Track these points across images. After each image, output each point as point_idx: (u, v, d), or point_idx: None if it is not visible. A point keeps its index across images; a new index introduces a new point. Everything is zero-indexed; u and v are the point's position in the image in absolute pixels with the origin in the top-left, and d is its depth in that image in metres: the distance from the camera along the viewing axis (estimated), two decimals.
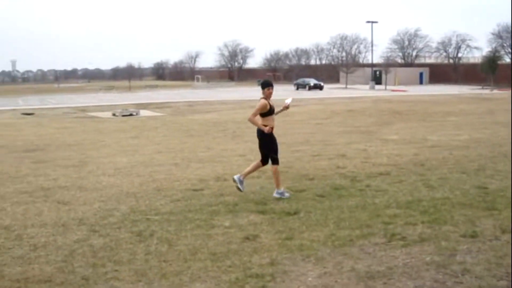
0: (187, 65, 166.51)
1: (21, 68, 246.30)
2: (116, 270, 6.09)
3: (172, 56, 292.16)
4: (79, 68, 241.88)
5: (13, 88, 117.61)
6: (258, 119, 9.57)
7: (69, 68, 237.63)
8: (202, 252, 6.62)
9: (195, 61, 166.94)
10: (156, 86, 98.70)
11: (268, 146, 9.57)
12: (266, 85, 9.62)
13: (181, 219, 8.08)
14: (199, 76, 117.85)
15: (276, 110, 9.82)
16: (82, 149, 16.29)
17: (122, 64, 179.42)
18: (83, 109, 37.80)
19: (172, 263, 6.27)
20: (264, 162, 9.66)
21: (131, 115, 31.08)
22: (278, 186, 9.46)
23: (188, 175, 11.55)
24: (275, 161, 9.51)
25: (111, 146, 16.95)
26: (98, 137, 19.77)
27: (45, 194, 10.14)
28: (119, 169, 12.43)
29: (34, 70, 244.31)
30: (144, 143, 17.44)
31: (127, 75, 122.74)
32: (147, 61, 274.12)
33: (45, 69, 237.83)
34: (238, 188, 9.54)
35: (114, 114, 31.69)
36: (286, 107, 10.02)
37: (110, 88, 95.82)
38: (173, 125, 23.98)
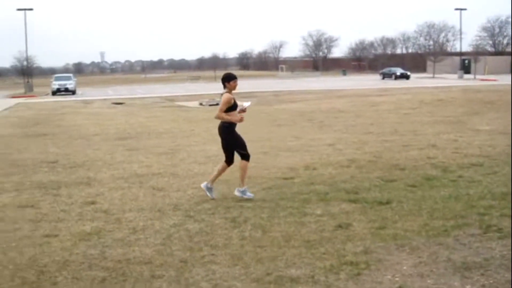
0: (271, 55, 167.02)
1: (109, 59, 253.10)
2: (212, 254, 6.26)
3: (256, 46, 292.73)
4: (165, 58, 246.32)
5: (102, 79, 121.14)
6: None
7: (155, 59, 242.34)
8: (295, 239, 6.70)
9: (279, 51, 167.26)
10: (241, 76, 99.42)
11: (234, 143, 9.07)
12: (231, 78, 9.04)
13: (273, 207, 8.20)
14: (283, 66, 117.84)
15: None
16: (173, 137, 16.67)
17: (207, 54, 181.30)
18: (171, 99, 38.55)
19: (266, 248, 6.38)
20: (229, 162, 9.18)
21: (217, 104, 31.41)
22: (242, 183, 9.00)
23: (277, 164, 11.67)
24: (245, 157, 9.02)
25: (200, 134, 17.26)
26: (187, 126, 20.17)
27: (140, 180, 10.47)
28: (210, 157, 12.67)
29: (122, 61, 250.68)
30: None
31: (212, 65, 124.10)
32: (231, 51, 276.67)
33: (133, 60, 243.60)
34: (209, 195, 9.03)
35: (201, 104, 32.18)
36: (243, 111, 9.22)
37: (196, 78, 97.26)
38: (260, 114, 24.12)
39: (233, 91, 8.99)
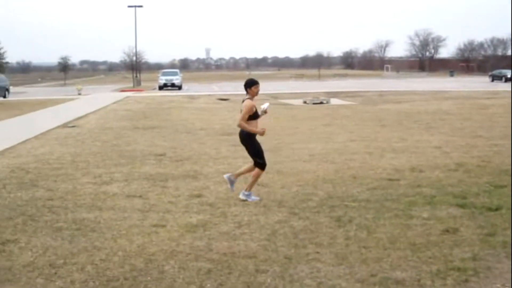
0: (376, 54, 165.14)
1: (214, 55, 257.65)
2: (317, 252, 6.24)
3: (361, 45, 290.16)
4: (269, 56, 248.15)
5: (207, 75, 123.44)
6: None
7: (259, 56, 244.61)
8: (401, 241, 6.58)
9: (384, 50, 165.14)
10: (345, 75, 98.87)
11: (254, 151, 8.86)
12: (252, 84, 8.72)
13: (378, 207, 8.08)
14: (389, 66, 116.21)
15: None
16: (277, 134, 16.73)
17: (311, 52, 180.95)
18: (275, 96, 38.74)
19: (371, 249, 6.30)
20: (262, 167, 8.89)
21: (321, 103, 31.38)
22: (250, 187, 8.86)
23: (383, 165, 11.49)
24: (260, 166, 8.80)
25: (304, 132, 17.26)
26: (291, 123, 20.21)
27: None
28: (314, 156, 12.65)
29: (227, 58, 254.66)
30: (337, 131, 17.57)
31: (316, 63, 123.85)
32: (336, 50, 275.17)
33: (237, 57, 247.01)
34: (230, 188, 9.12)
35: (305, 102, 32.17)
36: (265, 112, 9.06)
37: (300, 76, 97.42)
38: (364, 114, 23.88)
39: (255, 97, 8.78)
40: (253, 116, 8.62)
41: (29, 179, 10.60)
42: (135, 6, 67.53)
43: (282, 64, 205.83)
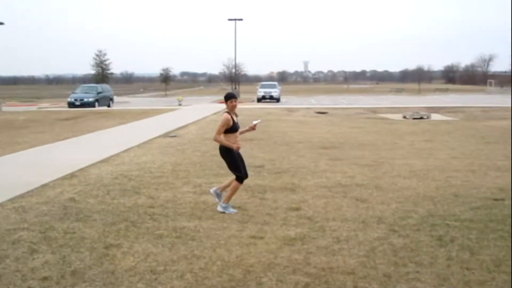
0: (479, 68, 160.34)
1: (312, 68, 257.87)
2: (417, 272, 6.10)
3: (463, 59, 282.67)
4: (367, 69, 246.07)
5: (305, 88, 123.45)
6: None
7: (358, 70, 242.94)
8: (507, 264, 6.33)
9: (488, 64, 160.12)
10: (446, 90, 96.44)
11: (231, 165, 8.88)
12: (229, 97, 8.81)
13: (482, 228, 7.81)
14: (492, 81, 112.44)
15: (241, 129, 9.14)
16: (376, 149, 16.53)
17: (411, 66, 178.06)
18: (374, 110, 38.32)
19: (474, 271, 6.10)
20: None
21: (421, 118, 30.76)
22: (229, 199, 8.93)
23: (486, 183, 11.10)
24: (238, 179, 8.84)
25: (404, 148, 16.95)
26: (391, 138, 19.90)
27: (343, 190, 10.49)
28: (414, 172, 12.39)
29: (325, 71, 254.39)
30: (438, 147, 17.15)
31: (416, 77, 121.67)
32: (436, 64, 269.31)
33: (335, 70, 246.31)
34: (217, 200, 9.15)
35: (404, 117, 31.63)
36: (253, 128, 9.20)
37: (399, 90, 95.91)
38: (467, 130, 23.20)
39: (233, 111, 8.82)
40: (231, 129, 8.71)
41: (131, 186, 10.93)
42: (235, 20, 68.54)
43: (381, 78, 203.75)
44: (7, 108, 47.69)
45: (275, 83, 68.25)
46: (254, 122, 9.29)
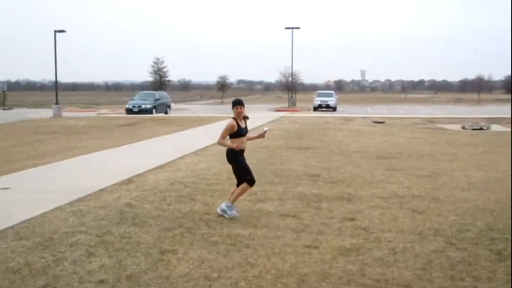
0: None
1: (369, 77, 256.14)
2: (475, 286, 5.98)
3: None
4: (426, 79, 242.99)
5: (361, 97, 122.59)
6: (227, 140, 9.13)
7: (416, 79, 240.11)
8: None
9: None
10: (507, 100, 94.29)
11: (239, 169, 9.12)
12: (235, 104, 9.10)
13: None
14: None
15: (252, 135, 9.54)
16: (434, 160, 16.26)
17: (470, 76, 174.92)
18: (432, 120, 37.71)
19: None
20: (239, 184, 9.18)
21: (481, 129, 30.10)
22: (233, 200, 9.15)
23: None
24: (249, 182, 9.03)
25: (463, 159, 16.61)
26: (449, 149, 19.53)
27: (400, 201, 10.35)
28: (473, 184, 12.13)
29: (382, 80, 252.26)
30: (498, 159, 16.74)
31: (475, 87, 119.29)
32: (497, 74, 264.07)
33: (393, 79, 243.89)
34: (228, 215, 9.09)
35: (463, 127, 31.01)
36: (262, 136, 9.50)
37: (458, 100, 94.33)
38: None
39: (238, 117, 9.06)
40: (236, 134, 8.98)
41: (187, 193, 11.02)
42: (292, 28, 68.54)
43: (439, 88, 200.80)
44: (67, 113, 48.81)
45: (332, 91, 67.98)
46: (265, 129, 9.64)
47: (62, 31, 50.24)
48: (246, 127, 9.21)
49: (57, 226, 8.48)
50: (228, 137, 9.11)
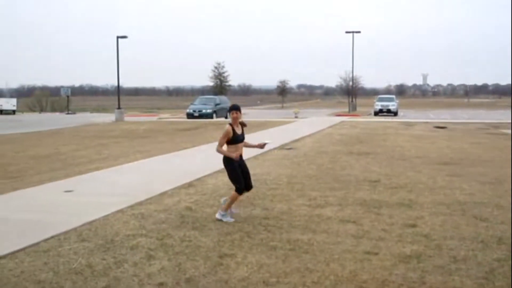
0: None
1: (431, 82, 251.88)
2: None
3: None
4: (489, 83, 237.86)
5: (423, 101, 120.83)
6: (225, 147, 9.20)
7: (479, 83, 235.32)
8: None
9: None
10: None
11: (230, 175, 9.20)
12: (231, 109, 9.20)
13: None
14: None
15: (252, 143, 9.71)
16: (497, 166, 15.87)
17: None
18: (496, 125, 36.89)
19: None
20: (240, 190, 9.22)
21: None
22: (227, 208, 9.19)
23: None
24: (237, 190, 9.09)
25: None
26: None
27: (462, 208, 10.15)
28: None
29: (444, 84, 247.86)
30: None
31: None
32: None
33: (455, 83, 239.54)
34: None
35: None
36: (261, 147, 9.70)
37: None
38: None
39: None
40: (232, 141, 9.06)
41: (246, 197, 11.04)
42: (353, 32, 68.16)
43: (503, 92, 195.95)
44: (129, 118, 49.69)
45: (393, 96, 67.29)
46: (265, 141, 9.89)
47: (124, 36, 51.27)
48: (242, 134, 9.29)
49: (118, 228, 8.64)
50: (225, 144, 9.17)
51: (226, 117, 49.60)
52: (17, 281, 6.36)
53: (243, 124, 9.33)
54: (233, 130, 9.08)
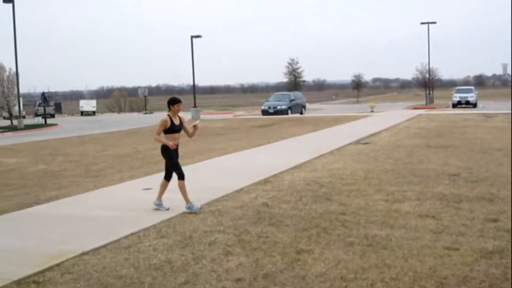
0: None
1: None
2: None
3: None
4: None
5: (504, 92, 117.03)
6: (162, 136, 9.82)
7: None
8: None
9: None
10: None
11: (170, 163, 9.88)
12: (174, 102, 9.77)
13: None
14: None
15: (188, 128, 10.07)
16: None
17: None
18: None
19: None
20: (167, 178, 10.06)
21: None
22: (187, 200, 9.73)
23: None
24: (180, 176, 9.81)
25: None
26: None
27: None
28: None
29: None
30: None
31: None
32: None
33: None
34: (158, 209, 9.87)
35: None
36: (195, 127, 10.08)
37: None
38: None
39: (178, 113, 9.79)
40: (169, 130, 9.69)
41: (323, 193, 11.00)
42: (428, 23, 66.84)
43: None
44: (204, 116, 50.29)
45: (471, 87, 65.57)
46: (196, 122, 10.42)
47: (199, 36, 51.91)
48: (180, 124, 9.85)
49: (196, 225, 8.75)
50: (163, 133, 9.80)
51: (301, 113, 49.57)
52: (99, 276, 6.54)
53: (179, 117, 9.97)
54: (171, 120, 9.70)
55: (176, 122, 9.78)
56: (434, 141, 20.76)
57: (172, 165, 9.88)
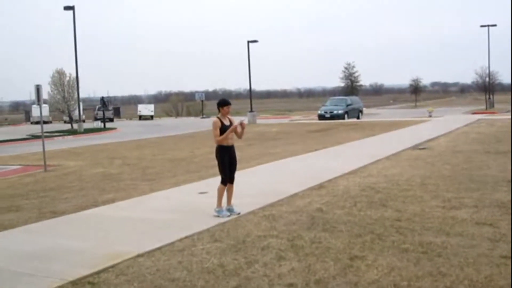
0: None
1: None
2: None
3: None
4: None
5: None
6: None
7: None
8: None
9: None
10: None
11: (219, 166, 9.94)
12: (222, 104, 9.89)
13: None
14: None
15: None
16: None
17: None
18: None
19: None
20: (223, 183, 9.98)
21: None
22: (218, 204, 9.84)
23: None
24: (223, 181, 9.91)
25: None
26: None
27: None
28: None
29: None
30: None
31: None
32: None
33: None
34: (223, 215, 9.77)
35: None
36: (241, 126, 9.99)
37: None
38: None
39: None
40: (221, 131, 9.77)
41: (378, 199, 10.90)
42: (488, 26, 65.49)
43: None
44: (261, 120, 50.43)
45: None
46: (242, 119, 10.55)
47: (255, 41, 52.10)
48: (231, 125, 9.86)
49: (249, 229, 8.79)
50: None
51: (358, 118, 49.22)
52: (152, 279, 6.64)
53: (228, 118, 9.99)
54: (221, 122, 9.82)
55: (227, 123, 9.86)
56: (493, 146, 20.33)
57: (220, 167, 9.93)
